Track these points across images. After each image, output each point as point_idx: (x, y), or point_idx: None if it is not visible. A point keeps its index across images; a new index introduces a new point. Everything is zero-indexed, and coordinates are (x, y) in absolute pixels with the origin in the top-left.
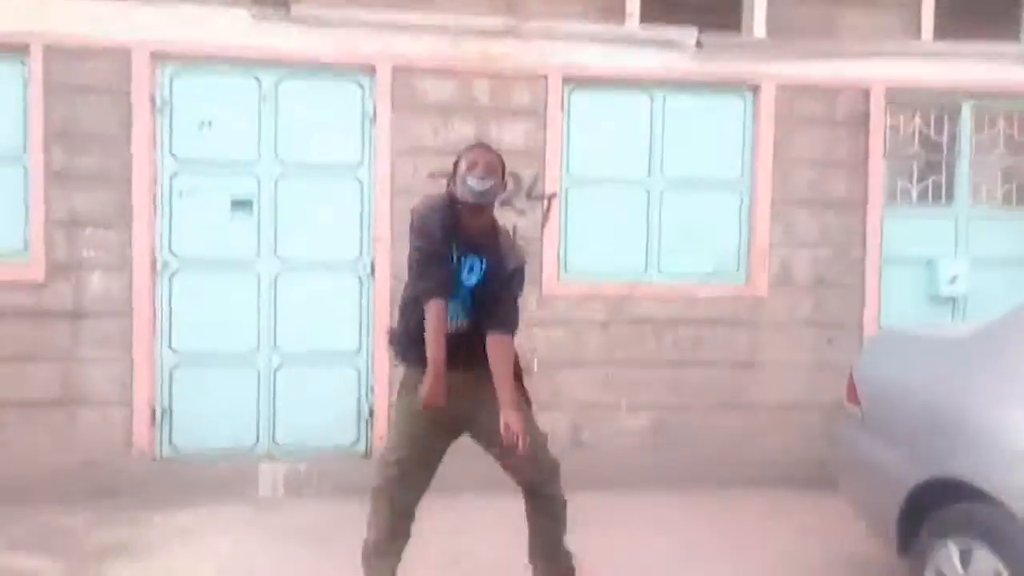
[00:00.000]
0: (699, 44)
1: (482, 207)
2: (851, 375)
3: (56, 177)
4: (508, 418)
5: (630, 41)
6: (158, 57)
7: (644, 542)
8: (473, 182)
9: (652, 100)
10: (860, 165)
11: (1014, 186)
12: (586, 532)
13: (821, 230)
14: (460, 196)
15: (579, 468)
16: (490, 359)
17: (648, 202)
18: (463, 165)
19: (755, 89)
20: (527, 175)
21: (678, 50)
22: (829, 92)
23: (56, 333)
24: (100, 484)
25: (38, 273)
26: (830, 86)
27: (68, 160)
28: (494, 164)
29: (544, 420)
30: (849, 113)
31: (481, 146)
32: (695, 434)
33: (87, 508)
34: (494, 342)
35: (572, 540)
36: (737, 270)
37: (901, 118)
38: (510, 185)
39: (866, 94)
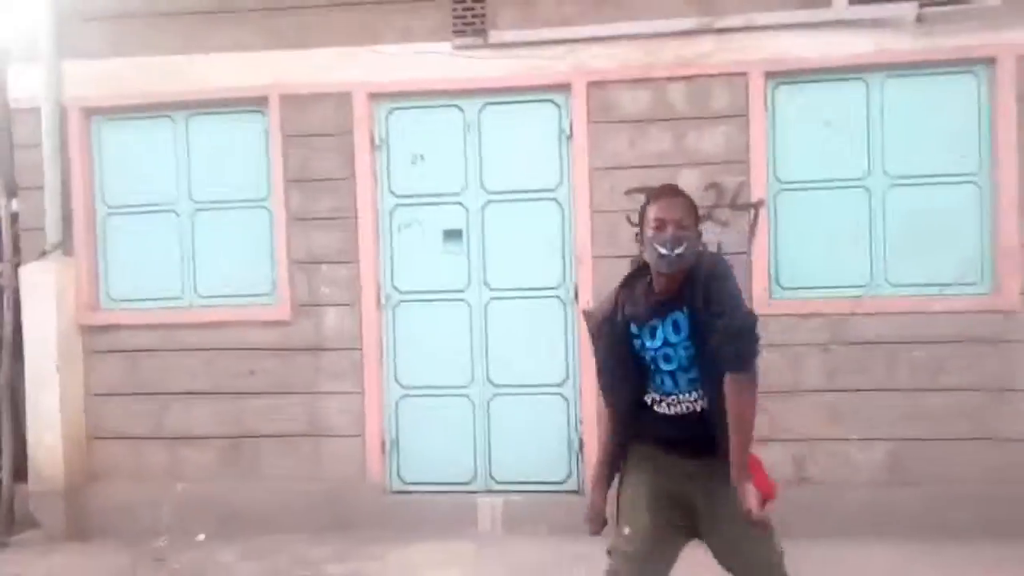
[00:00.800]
0: (919, 19)
1: (683, 272)
2: None
3: (294, 219)
4: (744, 493)
5: (839, 24)
6: (374, 97)
7: None
8: (663, 250)
9: (868, 88)
10: None
11: None
12: None
13: None
14: (651, 266)
15: (804, 508)
16: (728, 407)
17: (870, 204)
18: (648, 223)
19: (990, 63)
20: (730, 183)
21: (895, 28)
22: None
23: (301, 368)
24: (340, 514)
25: (285, 312)
26: None
27: (304, 202)
28: (684, 218)
29: (763, 454)
30: None
31: (666, 194)
32: (937, 471)
33: (329, 539)
34: (728, 384)
35: None
36: (981, 279)
37: None
38: (713, 198)
39: None
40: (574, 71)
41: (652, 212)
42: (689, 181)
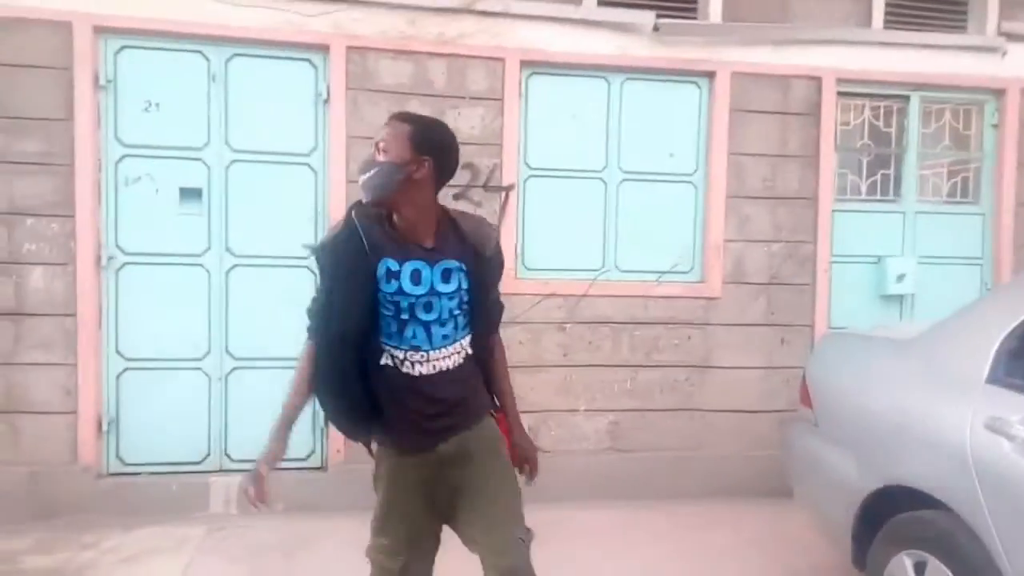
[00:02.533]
0: (656, 28)
1: (381, 203)
2: (803, 377)
3: None
4: (525, 445)
5: (587, 23)
6: (100, 31)
7: (601, 559)
8: (358, 173)
9: (609, 86)
10: (814, 157)
11: (959, 181)
12: (547, 547)
13: (773, 225)
14: None
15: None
16: (497, 366)
17: (605, 195)
18: None
19: (710, 76)
20: (485, 164)
21: (635, 34)
22: (783, 81)
23: None
24: (45, 502)
25: None
26: (784, 74)
27: (5, 143)
28: (390, 144)
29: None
30: (802, 103)
31: (392, 119)
32: (651, 439)
33: (31, 530)
34: (494, 343)
35: (535, 555)
36: (692, 268)
37: (852, 109)
38: (467, 178)
39: (818, 83)
40: (334, 32)
41: None
42: None
